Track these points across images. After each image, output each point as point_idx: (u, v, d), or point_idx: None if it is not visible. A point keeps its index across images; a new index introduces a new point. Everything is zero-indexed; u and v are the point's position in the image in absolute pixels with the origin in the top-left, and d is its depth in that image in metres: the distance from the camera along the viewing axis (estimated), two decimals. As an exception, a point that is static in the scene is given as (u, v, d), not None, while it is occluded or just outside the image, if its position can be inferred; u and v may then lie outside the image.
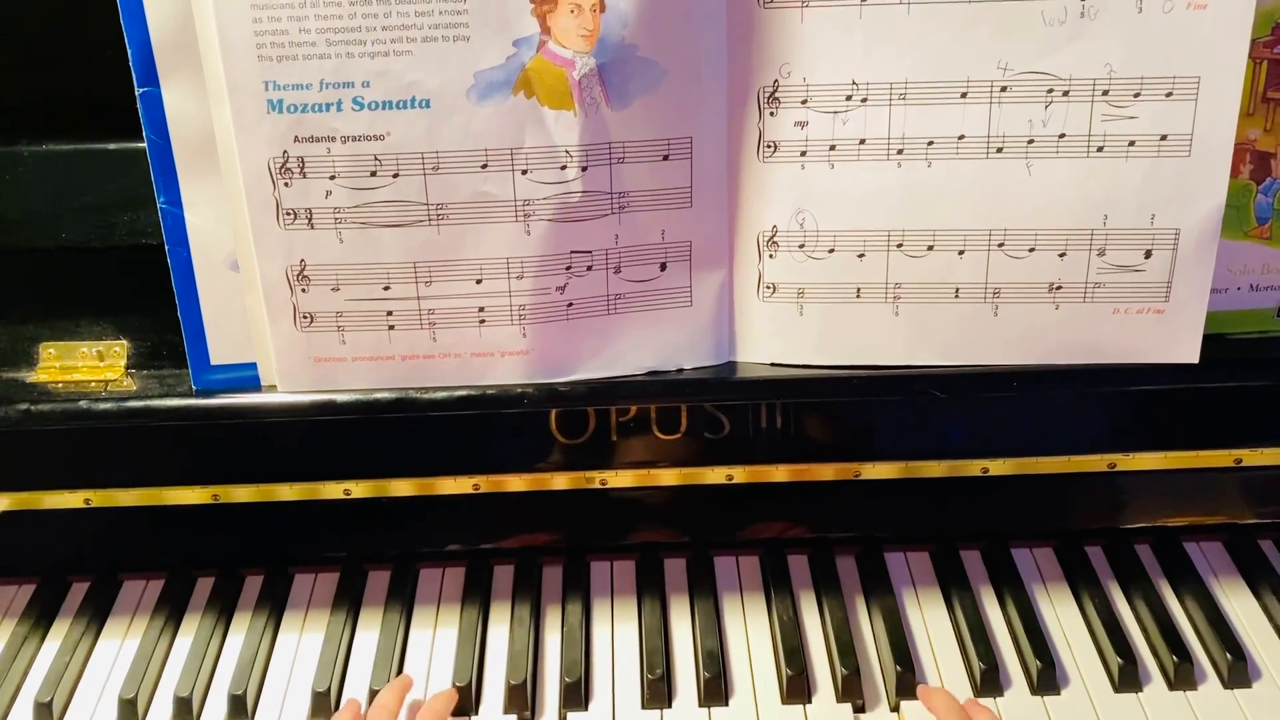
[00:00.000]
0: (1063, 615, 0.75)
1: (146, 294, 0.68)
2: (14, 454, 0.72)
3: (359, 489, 0.74)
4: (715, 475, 0.74)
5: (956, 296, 0.67)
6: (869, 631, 0.74)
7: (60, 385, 0.70)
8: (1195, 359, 0.67)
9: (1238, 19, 0.60)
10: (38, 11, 0.70)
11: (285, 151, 0.62)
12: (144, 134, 0.63)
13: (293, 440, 0.72)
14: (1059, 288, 0.66)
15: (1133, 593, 0.76)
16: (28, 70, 0.71)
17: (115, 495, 0.73)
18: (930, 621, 0.75)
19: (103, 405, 0.69)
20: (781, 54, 0.64)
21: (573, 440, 0.73)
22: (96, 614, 0.76)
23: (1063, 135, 0.63)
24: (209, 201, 0.65)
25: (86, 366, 0.71)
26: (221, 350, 0.68)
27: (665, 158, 0.66)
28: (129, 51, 0.62)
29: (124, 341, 0.72)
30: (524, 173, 0.64)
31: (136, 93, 0.63)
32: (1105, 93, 0.62)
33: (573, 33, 0.62)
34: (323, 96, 0.61)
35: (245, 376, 0.69)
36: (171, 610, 0.76)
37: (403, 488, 0.74)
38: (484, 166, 0.64)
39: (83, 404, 0.69)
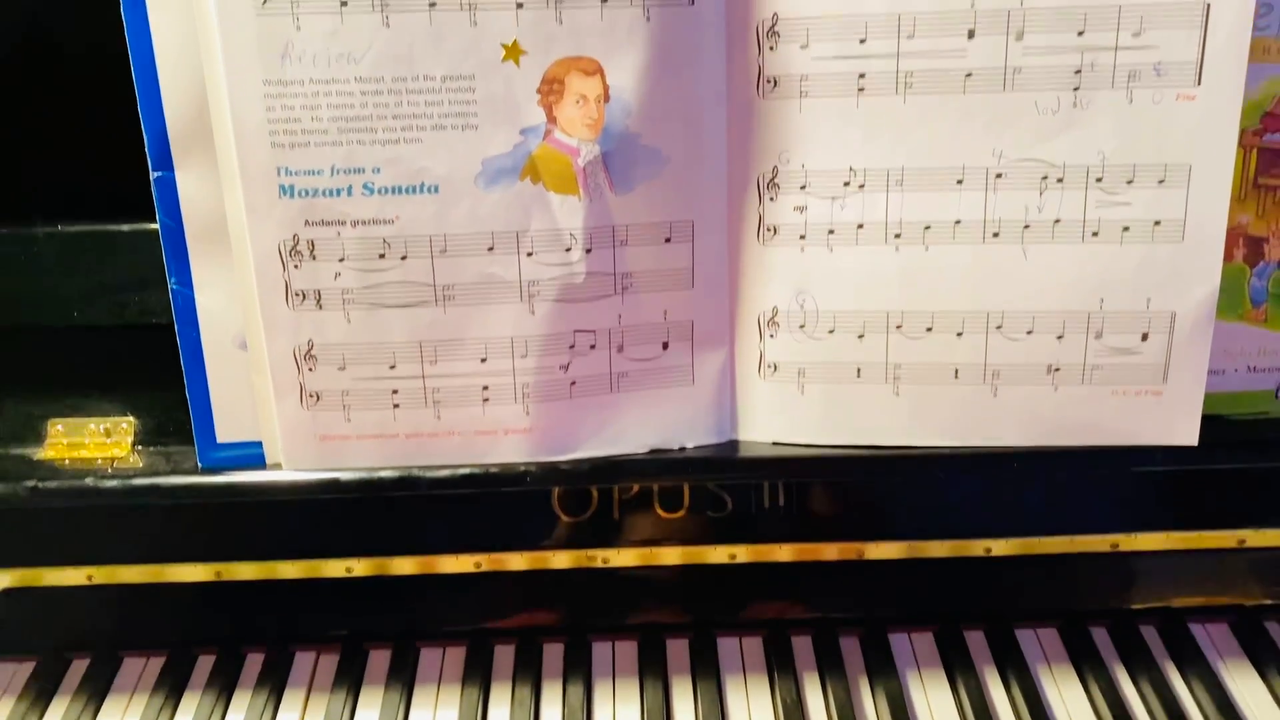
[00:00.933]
0: (1068, 698, 0.75)
1: (155, 372, 0.69)
2: (18, 530, 0.72)
3: (361, 567, 0.74)
4: (718, 554, 0.74)
5: (956, 377, 0.68)
6: (873, 713, 0.73)
7: (67, 462, 0.71)
8: (1194, 441, 0.67)
9: (1226, 109, 0.62)
10: (54, 94, 0.72)
11: (296, 235, 0.64)
12: (157, 217, 0.65)
13: (296, 518, 0.73)
14: (1057, 369, 0.67)
15: (1138, 675, 0.75)
16: (44, 152, 0.73)
17: (118, 572, 0.73)
18: (934, 704, 0.74)
19: (109, 483, 0.69)
20: (781, 142, 0.66)
21: (575, 518, 0.73)
22: (95, 692, 0.75)
23: (1058, 220, 0.65)
24: (219, 282, 0.66)
25: (94, 443, 0.72)
26: (228, 428, 0.69)
27: (667, 240, 0.67)
28: (145, 137, 0.63)
29: (131, 419, 0.72)
30: (529, 254, 0.66)
31: (151, 177, 0.64)
32: (1099, 179, 0.64)
33: (578, 122, 0.63)
34: (334, 182, 0.63)
35: (250, 454, 0.69)
36: (171, 688, 0.75)
37: (404, 566, 0.74)
38: (490, 249, 0.65)
39: (89, 481, 0.69)
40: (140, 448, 0.72)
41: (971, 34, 0.62)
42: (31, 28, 0.71)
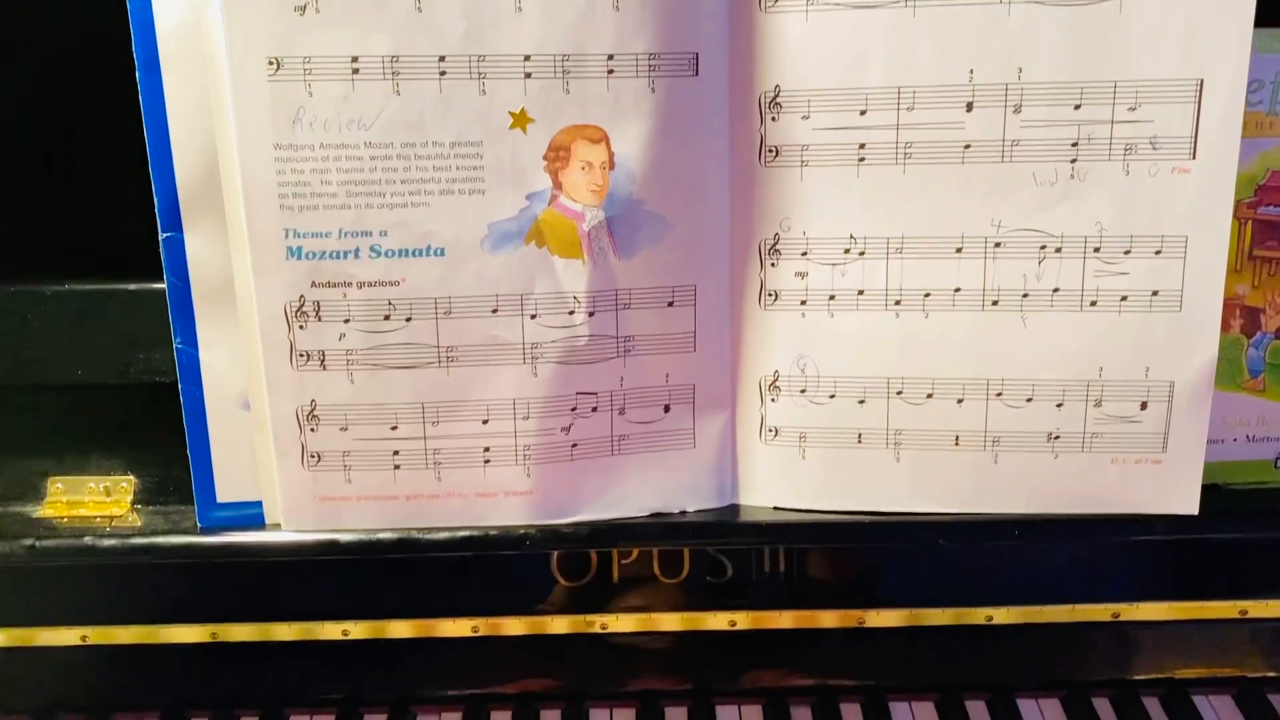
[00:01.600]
0: (1072, 770, 0.74)
1: (156, 431, 0.70)
2: (14, 589, 0.72)
3: (357, 630, 0.73)
4: (718, 621, 0.73)
5: (957, 444, 0.68)
6: (874, 785, 0.73)
7: (66, 520, 0.71)
8: (1194, 510, 0.67)
9: (1221, 182, 0.63)
10: (64, 154, 0.73)
11: (302, 296, 0.64)
12: (165, 277, 0.65)
13: (294, 579, 0.72)
14: (1057, 437, 0.67)
15: (1142, 747, 0.75)
16: (53, 211, 0.74)
17: (113, 632, 0.72)
18: (937, 774, 0.74)
19: (107, 542, 0.69)
20: (782, 209, 0.67)
21: (574, 583, 0.72)
22: (86, 755, 0.75)
23: (1056, 290, 0.65)
24: (223, 342, 0.67)
25: (93, 502, 0.72)
26: (228, 488, 0.69)
27: (670, 304, 0.68)
28: (155, 198, 0.64)
29: (131, 477, 0.72)
30: (533, 317, 0.66)
31: (160, 237, 0.65)
32: (1097, 250, 0.65)
33: (583, 188, 0.64)
34: (341, 244, 0.64)
35: (250, 515, 0.69)
36: (162, 752, 0.75)
37: (401, 629, 0.73)
38: (494, 311, 0.66)
39: (87, 540, 0.69)
40: (140, 506, 0.72)
41: (970, 107, 0.63)
42: (41, 87, 0.72)
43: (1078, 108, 0.63)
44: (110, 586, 0.72)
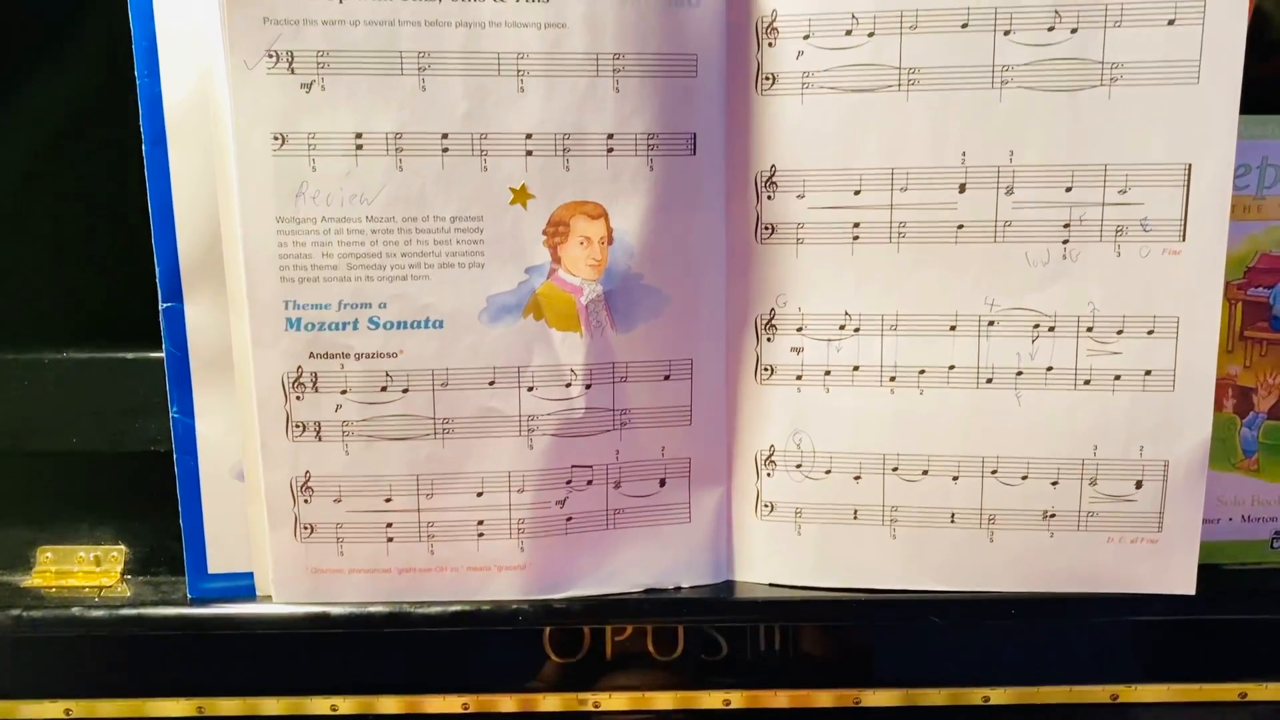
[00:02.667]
0: None
1: (149, 500, 0.69)
2: (-2, 660, 0.71)
3: (346, 705, 0.72)
4: (712, 700, 0.72)
5: (952, 521, 0.68)
6: None
7: (54, 590, 0.70)
8: (1191, 590, 0.67)
9: (1211, 263, 0.64)
10: (65, 225, 0.74)
11: (300, 367, 0.64)
12: (164, 346, 0.66)
13: (284, 652, 0.71)
14: (1053, 516, 0.67)
15: (1144, 834, 0.73)
16: (52, 280, 0.74)
17: (97, 706, 0.71)
18: None
19: (96, 613, 0.68)
20: (778, 285, 0.67)
21: (566, 659, 0.72)
22: (62, 834, 0.73)
23: (1050, 368, 0.66)
24: (220, 412, 0.67)
25: (82, 572, 0.71)
26: (220, 559, 0.68)
27: (666, 378, 0.68)
28: (157, 269, 0.65)
29: (122, 547, 0.72)
30: (530, 389, 0.66)
31: (160, 307, 0.65)
32: (1089, 329, 0.65)
33: (582, 262, 0.65)
34: (340, 316, 0.64)
35: (241, 586, 0.68)
36: (141, 831, 0.73)
37: (390, 705, 0.72)
38: (491, 383, 0.66)
39: (75, 611, 0.68)
40: (130, 576, 0.71)
41: (963, 188, 0.64)
42: (43, 156, 0.73)
43: (1069, 190, 0.64)
44: (97, 658, 0.71)
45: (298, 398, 0.65)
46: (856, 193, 0.65)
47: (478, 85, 0.62)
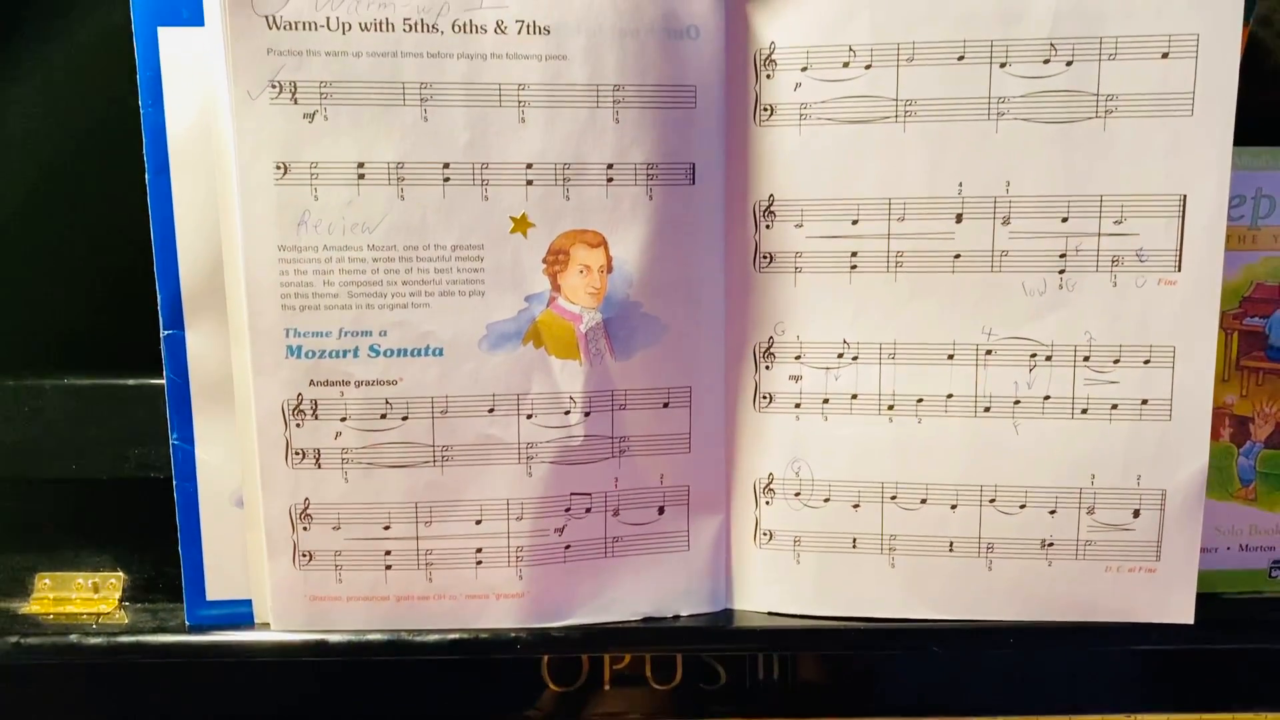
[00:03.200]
0: None
1: (148, 527, 0.69)
2: (-6, 687, 0.71)
3: (343, 733, 0.72)
4: (710, 728, 0.72)
5: (951, 550, 0.68)
6: None
7: (52, 617, 0.70)
8: (1189, 619, 0.67)
9: (1207, 293, 0.64)
10: (66, 251, 0.74)
11: (300, 394, 0.65)
12: (164, 373, 0.66)
13: (281, 680, 0.71)
14: (1051, 544, 0.67)
15: None
16: (54, 306, 0.75)
17: (93, 734, 0.71)
18: None
19: (93, 640, 0.68)
20: (776, 313, 0.68)
21: (565, 688, 0.71)
22: None
23: (1047, 397, 0.66)
24: (219, 439, 0.67)
25: (81, 598, 0.71)
26: (218, 586, 0.68)
27: (665, 405, 0.68)
28: (159, 296, 0.65)
29: (120, 573, 0.72)
30: (529, 417, 0.66)
31: (161, 334, 0.66)
32: (1086, 358, 0.66)
33: (581, 290, 0.65)
34: (340, 344, 0.64)
35: (239, 613, 0.68)
36: None
37: (387, 733, 0.72)
38: (491, 410, 0.66)
39: (73, 638, 0.68)
40: (128, 603, 0.71)
41: (960, 218, 0.65)
42: (45, 182, 0.74)
43: (1065, 220, 0.64)
44: (94, 686, 0.71)
45: (297, 425, 0.65)
46: (854, 222, 0.66)
47: (479, 116, 0.63)
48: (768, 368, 0.69)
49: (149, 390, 0.69)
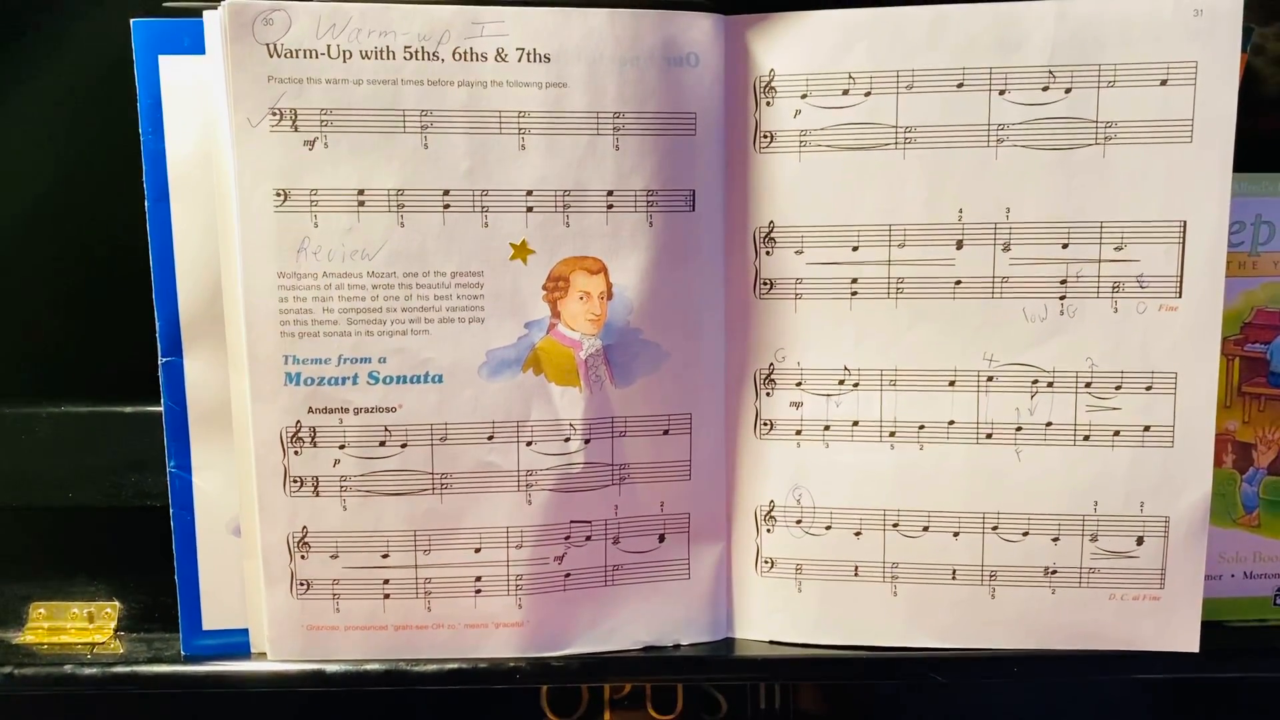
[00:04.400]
0: None
1: (144, 556, 0.69)
2: (-13, 719, 0.70)
3: (340, 765, 0.71)
4: (711, 758, 0.72)
5: (953, 578, 0.67)
6: None
7: (46, 648, 0.69)
8: (1195, 647, 0.66)
9: (1208, 319, 0.64)
10: (64, 278, 0.74)
11: (298, 421, 0.64)
12: (162, 401, 0.66)
13: (278, 710, 0.70)
14: (1054, 572, 0.67)
15: None
16: (51, 333, 0.74)
17: (85, 766, 0.70)
18: None
19: (88, 670, 0.67)
20: (777, 340, 0.67)
21: (564, 718, 0.71)
22: None
23: (1049, 424, 0.66)
24: (217, 467, 0.66)
25: (75, 628, 0.70)
26: (214, 615, 0.68)
27: (665, 432, 0.68)
28: (157, 323, 0.65)
29: (116, 603, 0.71)
30: (529, 444, 0.66)
31: (160, 361, 0.65)
32: (1088, 385, 0.65)
33: (581, 317, 0.65)
34: (339, 370, 0.64)
35: (236, 643, 0.68)
36: None
37: (386, 764, 0.71)
38: (490, 438, 0.66)
39: (67, 668, 0.67)
40: (123, 633, 0.70)
41: (960, 244, 0.65)
42: (43, 209, 0.74)
43: (1065, 246, 0.64)
44: (89, 717, 0.70)
45: (296, 453, 0.65)
46: (854, 249, 0.66)
47: (479, 143, 0.63)
48: (768, 394, 0.68)
49: (146, 418, 0.69)
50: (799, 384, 0.68)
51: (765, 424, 0.69)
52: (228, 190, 0.63)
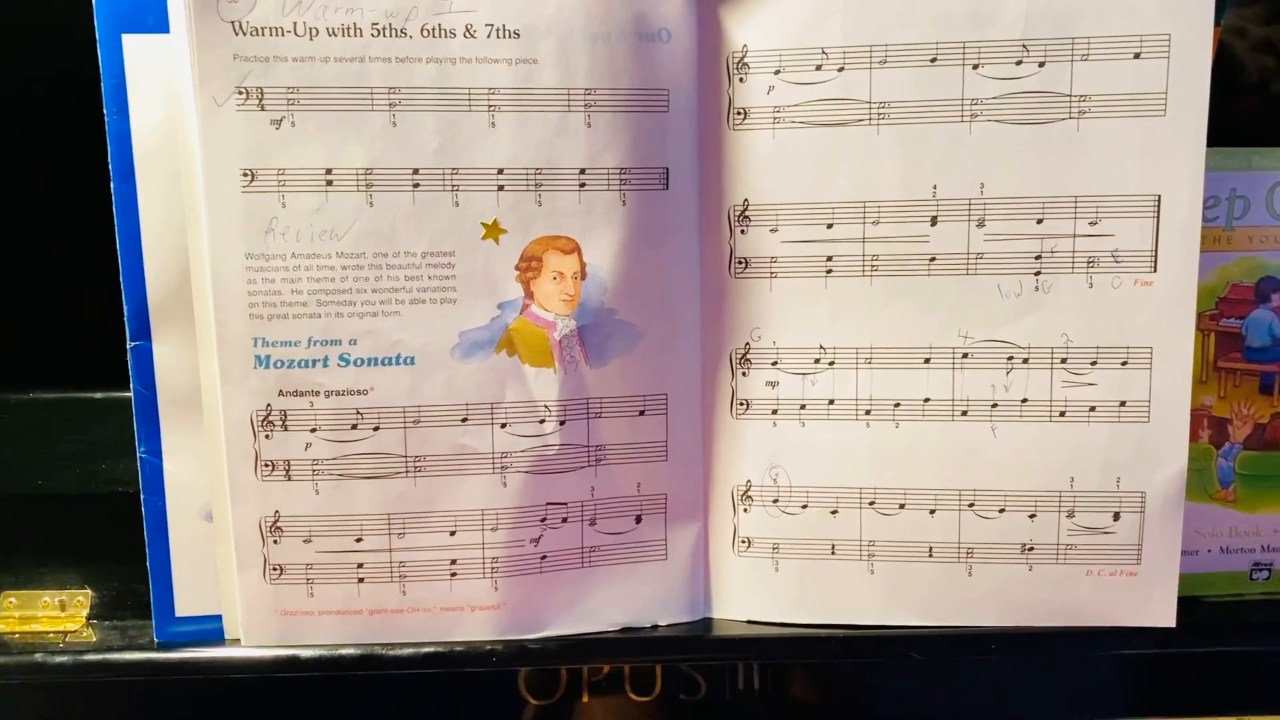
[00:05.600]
0: None
1: (116, 543, 0.68)
2: (-43, 708, 0.69)
3: (316, 751, 0.70)
4: (690, 739, 0.71)
5: (930, 556, 0.67)
6: None
7: (17, 636, 0.68)
8: (1171, 622, 0.66)
9: (1183, 294, 0.64)
10: (30, 263, 0.73)
11: (269, 405, 0.64)
12: (131, 386, 0.65)
13: (253, 696, 0.70)
14: (1031, 549, 0.67)
15: None
16: (18, 319, 0.73)
17: (58, 755, 0.70)
18: None
19: (60, 659, 0.66)
20: (752, 319, 0.67)
21: (542, 701, 0.70)
22: None
23: (1025, 400, 0.66)
24: (188, 452, 0.66)
25: (47, 617, 0.70)
26: (187, 602, 0.67)
27: (641, 413, 0.67)
28: (125, 307, 0.64)
29: (88, 591, 0.70)
30: (503, 426, 0.66)
31: (128, 346, 0.65)
32: (1063, 361, 0.65)
33: (555, 297, 0.65)
34: (310, 353, 0.63)
35: (209, 629, 0.67)
36: None
37: (363, 750, 0.71)
38: (464, 420, 0.65)
39: (39, 657, 0.67)
40: (95, 621, 0.70)
41: (934, 221, 0.64)
42: (8, 194, 0.73)
43: (1040, 222, 0.64)
44: (62, 706, 0.69)
45: (266, 436, 0.64)
46: (829, 226, 0.65)
47: (449, 121, 0.62)
48: (744, 374, 0.68)
49: (116, 403, 0.68)
50: (775, 363, 0.67)
51: (741, 404, 0.68)
52: (194, 171, 0.62)
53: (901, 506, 0.67)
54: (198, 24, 0.60)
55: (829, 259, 0.66)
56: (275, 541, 0.65)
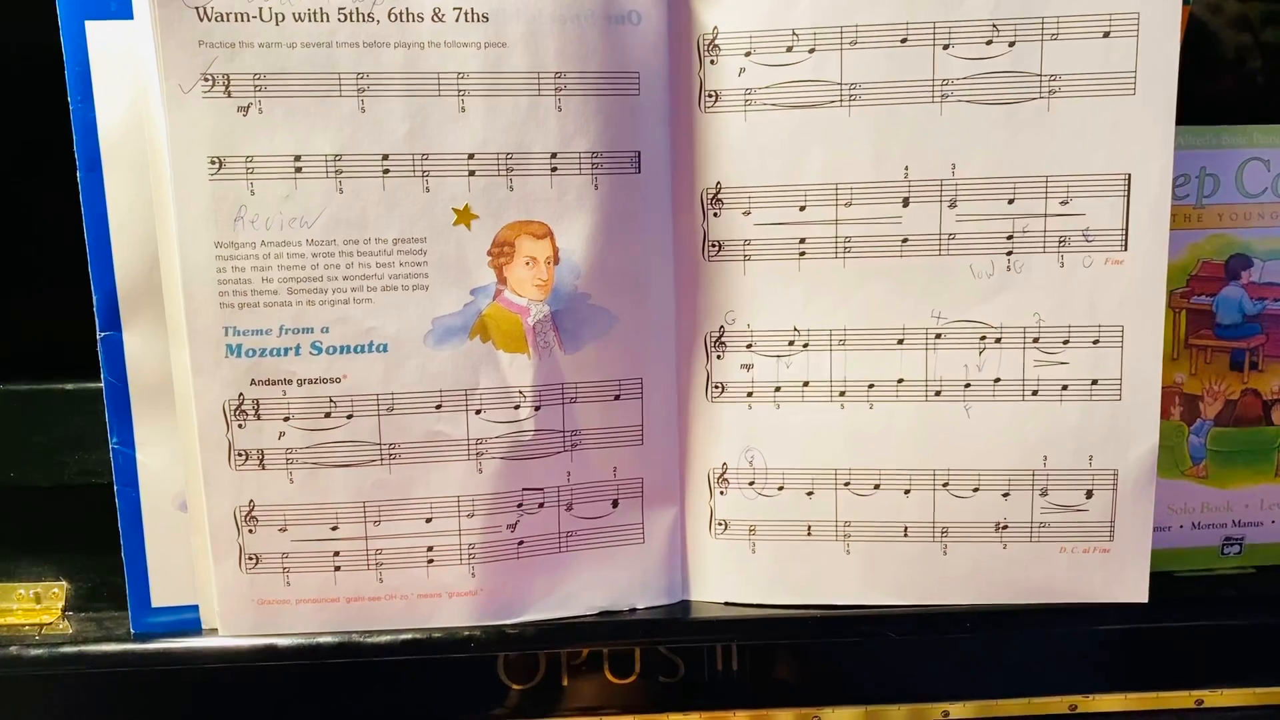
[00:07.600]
0: None
1: (90, 534, 0.68)
2: (-67, 703, 0.69)
3: (296, 739, 0.70)
4: (670, 721, 0.72)
5: (905, 535, 0.68)
6: None
7: (-9, 629, 0.68)
8: (1144, 598, 0.67)
9: (1153, 272, 0.64)
10: None
11: (241, 394, 0.63)
12: (102, 376, 0.64)
13: (232, 686, 0.69)
14: (1005, 527, 0.67)
15: (1106, 845, 0.73)
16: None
17: (35, 749, 0.69)
18: None
19: (35, 651, 0.66)
20: (726, 302, 0.67)
21: (522, 686, 0.70)
22: None
23: (998, 380, 0.66)
24: (161, 442, 0.65)
25: (22, 610, 0.69)
26: (164, 592, 0.67)
27: (617, 398, 0.67)
28: (94, 297, 0.64)
29: (63, 583, 0.70)
30: (478, 412, 0.65)
31: (98, 336, 0.64)
32: (1036, 340, 0.65)
33: (528, 282, 0.65)
34: (281, 341, 0.63)
35: (186, 619, 0.67)
36: None
37: (343, 738, 0.71)
38: (438, 407, 0.65)
39: (14, 650, 0.66)
40: (71, 613, 0.69)
41: (906, 202, 0.64)
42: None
43: (1011, 202, 0.64)
44: (38, 699, 0.69)
45: (239, 426, 0.64)
46: (801, 209, 0.65)
47: (418, 106, 0.62)
48: (719, 357, 0.68)
49: (87, 394, 0.68)
50: (749, 346, 0.67)
51: (716, 387, 0.68)
52: (161, 159, 0.61)
53: (876, 487, 0.67)
54: (161, 9, 0.59)
55: (802, 241, 0.66)
56: (250, 531, 0.65)
